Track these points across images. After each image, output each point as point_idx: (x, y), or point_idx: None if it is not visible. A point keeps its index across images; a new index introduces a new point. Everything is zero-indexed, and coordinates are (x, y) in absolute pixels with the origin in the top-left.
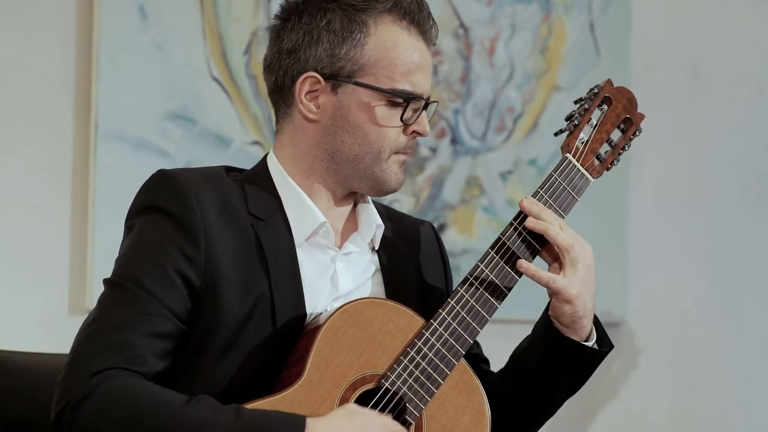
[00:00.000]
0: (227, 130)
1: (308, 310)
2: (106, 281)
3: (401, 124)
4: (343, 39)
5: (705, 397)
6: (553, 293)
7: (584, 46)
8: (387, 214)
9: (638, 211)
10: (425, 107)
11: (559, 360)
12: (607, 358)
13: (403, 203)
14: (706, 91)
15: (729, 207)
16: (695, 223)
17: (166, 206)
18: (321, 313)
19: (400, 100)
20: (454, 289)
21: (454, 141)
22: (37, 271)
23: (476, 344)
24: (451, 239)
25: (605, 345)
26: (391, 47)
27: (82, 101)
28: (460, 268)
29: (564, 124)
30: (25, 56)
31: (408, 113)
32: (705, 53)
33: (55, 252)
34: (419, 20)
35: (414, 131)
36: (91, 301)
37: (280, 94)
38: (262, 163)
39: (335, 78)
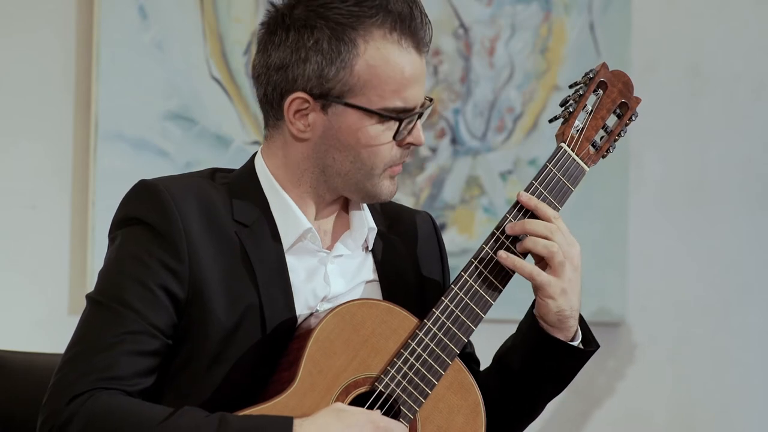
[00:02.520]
0: (227, 130)
1: (299, 315)
2: (88, 297)
3: (394, 139)
4: (331, 60)
5: (705, 397)
6: (537, 288)
7: (584, 46)
8: (382, 209)
9: (638, 211)
10: (420, 116)
11: (543, 360)
12: (606, 357)
13: (403, 203)
14: (706, 91)
15: (729, 207)
16: (695, 223)
17: (147, 218)
18: (311, 314)
19: (392, 118)
20: (448, 286)
21: (454, 141)
22: (37, 271)
23: (470, 344)
24: (450, 239)
25: (591, 345)
26: (381, 65)
27: (82, 101)
28: (460, 268)
29: (559, 111)
30: (25, 56)
31: (401, 130)
32: (705, 53)
33: (55, 252)
34: (411, 28)
35: (408, 142)
36: None
37: (270, 107)
38: (250, 165)
39: (325, 98)
